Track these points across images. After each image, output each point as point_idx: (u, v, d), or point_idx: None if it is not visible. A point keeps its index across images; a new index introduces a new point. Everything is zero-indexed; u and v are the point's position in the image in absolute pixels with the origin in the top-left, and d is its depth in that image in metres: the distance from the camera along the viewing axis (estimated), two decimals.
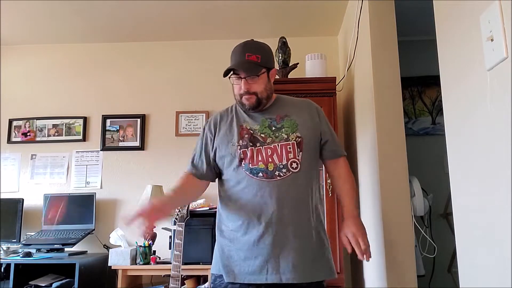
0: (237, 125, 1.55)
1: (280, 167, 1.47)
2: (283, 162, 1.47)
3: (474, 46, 0.97)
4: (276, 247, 1.42)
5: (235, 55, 1.53)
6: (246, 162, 1.48)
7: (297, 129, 1.52)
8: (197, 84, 3.19)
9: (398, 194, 1.99)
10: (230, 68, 1.50)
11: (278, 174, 1.46)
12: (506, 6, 0.84)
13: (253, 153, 1.48)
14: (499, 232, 0.88)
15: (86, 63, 3.31)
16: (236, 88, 1.53)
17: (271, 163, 1.47)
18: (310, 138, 1.54)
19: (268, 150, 1.48)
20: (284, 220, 1.44)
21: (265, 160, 1.47)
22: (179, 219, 2.27)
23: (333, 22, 2.98)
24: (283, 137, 1.50)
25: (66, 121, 3.21)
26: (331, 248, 2.27)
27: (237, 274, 1.45)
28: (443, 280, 2.84)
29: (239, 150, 1.49)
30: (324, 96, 2.48)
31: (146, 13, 2.86)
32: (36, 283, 2.51)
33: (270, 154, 1.48)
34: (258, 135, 1.51)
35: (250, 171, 1.47)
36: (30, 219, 3.01)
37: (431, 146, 3.05)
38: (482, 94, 0.94)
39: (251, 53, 1.50)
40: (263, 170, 1.46)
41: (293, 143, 1.50)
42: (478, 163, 0.97)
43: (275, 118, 1.54)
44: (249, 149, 1.49)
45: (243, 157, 1.48)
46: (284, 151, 1.48)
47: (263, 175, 1.46)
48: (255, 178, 1.46)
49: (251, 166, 1.47)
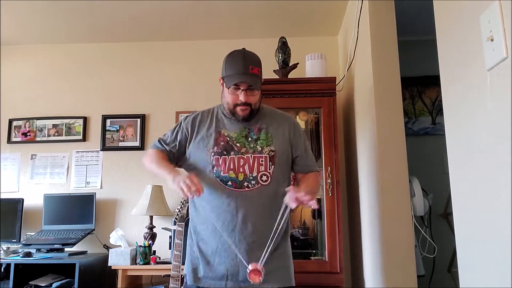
0: (215, 130, 1.57)
1: (249, 179, 1.49)
2: (253, 174, 1.50)
3: (474, 46, 0.97)
4: (236, 256, 1.45)
5: (236, 65, 1.50)
6: (218, 169, 1.50)
7: (271, 142, 1.55)
8: (197, 84, 3.18)
9: (398, 194, 2.00)
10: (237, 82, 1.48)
11: (246, 185, 1.49)
12: (506, 6, 0.84)
13: (226, 161, 1.51)
14: (499, 232, 0.88)
15: (86, 63, 3.31)
16: (232, 97, 1.52)
17: (241, 173, 1.49)
18: (283, 153, 1.57)
19: (240, 160, 1.51)
20: (247, 230, 1.47)
21: (236, 169, 1.50)
22: (179, 219, 2.26)
23: (333, 22, 2.98)
24: (257, 149, 1.52)
25: (66, 121, 3.21)
26: (331, 248, 2.30)
27: (200, 278, 1.50)
28: (443, 280, 2.84)
29: (212, 156, 1.52)
30: (324, 96, 2.48)
31: (146, 13, 2.86)
32: (36, 283, 2.51)
33: (242, 164, 1.50)
34: (234, 143, 1.54)
35: (221, 179, 1.49)
36: (30, 219, 3.01)
37: (431, 146, 3.05)
38: (482, 94, 0.94)
39: (253, 65, 1.50)
40: (233, 179, 1.49)
41: (266, 157, 1.52)
42: (478, 163, 0.97)
43: (253, 129, 1.56)
44: (221, 157, 1.51)
45: (215, 164, 1.51)
46: (256, 163, 1.51)
47: (232, 184, 1.49)
48: (225, 187, 1.49)
49: (222, 174, 1.50)
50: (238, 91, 1.50)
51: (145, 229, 2.81)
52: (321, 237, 2.48)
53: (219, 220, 1.48)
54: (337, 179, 2.37)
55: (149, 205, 2.75)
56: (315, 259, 2.44)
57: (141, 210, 2.76)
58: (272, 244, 1.45)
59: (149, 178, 3.06)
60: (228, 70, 1.52)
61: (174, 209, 2.60)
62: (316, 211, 2.60)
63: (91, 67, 3.30)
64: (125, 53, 3.30)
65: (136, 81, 3.25)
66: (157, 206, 2.78)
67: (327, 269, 2.28)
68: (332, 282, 2.26)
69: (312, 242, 2.60)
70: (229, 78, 1.50)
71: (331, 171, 2.36)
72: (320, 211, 2.53)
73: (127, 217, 3.01)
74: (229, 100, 1.54)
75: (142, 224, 2.91)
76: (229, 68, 1.52)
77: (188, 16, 2.90)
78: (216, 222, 1.48)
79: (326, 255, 2.31)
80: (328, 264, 2.28)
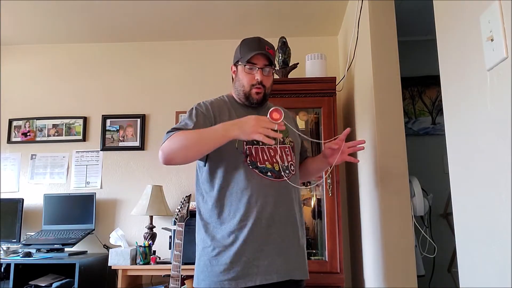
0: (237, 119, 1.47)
1: (284, 168, 1.49)
2: (285, 164, 1.50)
3: (474, 46, 0.97)
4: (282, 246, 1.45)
5: (252, 45, 1.52)
6: (253, 160, 1.46)
7: (288, 134, 1.57)
8: (197, 84, 3.18)
9: (398, 194, 2.00)
10: (254, 54, 1.47)
11: (283, 174, 1.48)
12: (506, 6, 0.84)
13: (258, 152, 1.48)
14: (499, 232, 0.88)
15: (86, 63, 3.31)
16: (248, 77, 1.50)
17: (276, 164, 1.48)
18: (297, 143, 1.62)
19: (270, 150, 1.50)
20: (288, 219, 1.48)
21: (270, 160, 1.48)
22: (179, 219, 2.27)
23: (333, 22, 2.98)
24: (280, 140, 1.51)
25: (66, 121, 3.21)
26: (331, 248, 2.30)
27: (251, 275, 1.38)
28: (443, 280, 2.84)
29: (245, 145, 1.47)
30: (324, 96, 2.48)
31: (146, 13, 2.86)
32: (36, 283, 2.51)
33: (273, 155, 1.49)
34: None
35: (260, 170, 1.45)
36: (30, 219, 3.01)
37: (431, 146, 3.05)
38: (482, 94, 0.94)
39: (269, 47, 1.54)
40: (271, 170, 1.47)
41: (289, 147, 1.55)
42: (478, 163, 0.97)
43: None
44: (254, 147, 1.48)
45: (249, 154, 1.46)
46: (284, 153, 1.52)
47: (272, 174, 1.47)
48: (264, 177, 1.45)
49: (260, 165, 1.46)
50: (254, 70, 1.50)
51: (145, 229, 2.81)
52: (321, 237, 2.48)
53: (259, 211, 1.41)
54: (337, 179, 2.37)
55: (149, 205, 2.75)
56: (315, 259, 2.44)
57: (141, 210, 2.76)
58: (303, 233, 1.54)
59: (149, 178, 3.06)
60: (244, 50, 1.52)
61: (174, 209, 2.60)
62: (316, 211, 2.61)
63: (91, 67, 3.30)
64: (125, 53, 3.30)
65: (136, 81, 3.25)
66: (157, 206, 2.78)
67: (327, 269, 2.28)
68: (332, 282, 2.26)
69: (312, 242, 2.60)
70: (246, 55, 1.49)
71: (331, 171, 2.36)
72: (320, 211, 2.53)
73: (127, 217, 3.01)
74: (244, 82, 1.51)
75: (142, 224, 2.91)
76: (244, 48, 1.53)
77: (188, 16, 2.90)
78: (255, 214, 1.41)
79: (326, 255, 2.31)
80: (328, 264, 2.28)
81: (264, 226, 1.41)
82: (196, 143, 1.37)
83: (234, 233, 1.41)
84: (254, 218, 1.40)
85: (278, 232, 1.43)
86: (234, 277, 1.37)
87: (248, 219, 1.40)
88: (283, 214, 1.46)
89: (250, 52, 1.49)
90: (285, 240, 1.44)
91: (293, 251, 1.47)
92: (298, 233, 1.50)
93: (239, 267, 1.38)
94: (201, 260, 1.46)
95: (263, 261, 1.39)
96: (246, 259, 1.38)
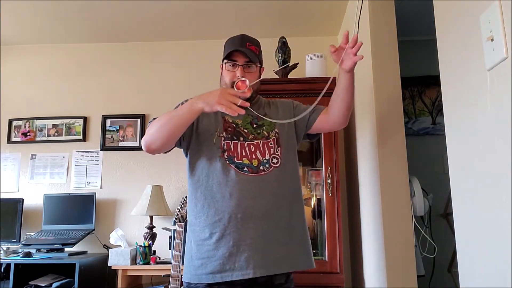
0: (220, 116, 1.54)
1: (264, 162, 1.48)
2: (266, 158, 1.49)
3: (474, 46, 0.97)
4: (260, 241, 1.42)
5: (233, 42, 1.53)
6: (230, 155, 1.47)
7: (274, 126, 1.55)
8: (197, 84, 3.18)
9: (398, 194, 1.99)
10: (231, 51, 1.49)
11: (262, 168, 1.47)
12: (506, 6, 0.84)
13: (237, 147, 1.49)
14: (499, 232, 0.88)
15: (86, 63, 3.31)
16: (229, 75, 1.51)
17: (255, 159, 1.48)
18: (287, 135, 1.57)
19: (251, 146, 1.50)
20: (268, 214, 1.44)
21: (249, 156, 1.48)
22: (179, 219, 2.27)
23: (333, 22, 2.98)
24: (264, 134, 1.52)
25: (66, 121, 3.21)
26: (331, 248, 2.30)
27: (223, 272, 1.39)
28: (443, 280, 2.84)
29: (223, 141, 1.49)
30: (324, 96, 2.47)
31: (146, 13, 2.86)
32: (36, 283, 2.51)
33: (253, 151, 1.49)
34: (241, 129, 1.53)
35: (236, 165, 1.46)
36: (30, 219, 3.01)
37: (431, 146, 3.05)
38: (482, 94, 0.94)
39: (251, 43, 1.53)
40: (248, 165, 1.47)
41: (273, 139, 1.53)
42: (478, 163, 0.97)
43: (256, 116, 1.55)
44: (232, 142, 1.49)
45: (227, 149, 1.48)
46: (266, 148, 1.50)
47: (248, 170, 1.46)
48: (241, 173, 1.45)
49: (237, 161, 1.47)
50: (236, 68, 1.50)
51: (145, 229, 2.81)
52: (321, 237, 2.48)
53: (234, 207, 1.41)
54: (337, 179, 2.37)
55: (149, 205, 2.75)
56: (315, 259, 2.42)
57: (141, 210, 2.76)
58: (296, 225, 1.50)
59: (149, 178, 3.06)
60: (226, 48, 1.54)
61: (174, 209, 2.60)
62: (316, 211, 2.61)
63: (91, 67, 3.30)
64: (125, 53, 3.30)
65: (136, 81, 3.25)
66: (157, 206, 2.78)
67: (327, 269, 2.28)
68: (332, 282, 2.26)
69: (312, 242, 2.59)
70: (226, 53, 1.51)
71: (331, 171, 2.36)
72: (320, 211, 2.53)
73: (127, 217, 3.01)
74: (226, 79, 1.52)
75: (142, 224, 2.91)
76: (226, 46, 1.55)
77: (188, 16, 2.90)
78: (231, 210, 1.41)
79: (326, 255, 2.31)
80: (328, 264, 2.28)
81: (240, 221, 1.41)
82: (167, 122, 1.43)
83: (209, 227, 1.43)
84: (229, 213, 1.41)
85: (255, 227, 1.41)
86: (211, 271, 1.40)
87: (223, 214, 1.42)
88: (261, 209, 1.42)
89: (229, 50, 1.51)
90: (263, 235, 1.42)
91: (274, 247, 1.43)
92: (280, 227, 1.45)
93: (216, 262, 1.40)
94: (186, 254, 1.51)
95: (240, 256, 1.39)
96: (222, 254, 1.40)
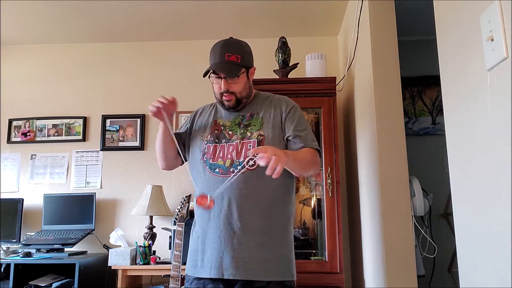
0: (212, 119, 1.61)
1: (236, 164, 1.46)
2: (240, 159, 1.46)
3: (474, 46, 0.97)
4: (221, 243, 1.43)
5: (214, 54, 1.53)
6: (208, 157, 1.52)
7: (261, 127, 1.51)
8: (197, 84, 3.17)
9: (398, 194, 2.00)
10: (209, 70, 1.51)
11: (232, 170, 1.44)
12: (506, 6, 0.84)
13: (216, 150, 1.52)
14: (499, 232, 0.88)
15: (86, 63, 3.31)
16: (216, 87, 1.55)
17: (228, 160, 1.48)
18: (274, 137, 1.50)
19: (230, 147, 1.51)
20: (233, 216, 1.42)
21: (224, 157, 1.49)
22: (179, 219, 2.26)
23: (333, 22, 2.98)
24: (246, 135, 1.51)
25: (66, 121, 3.21)
26: (331, 248, 2.30)
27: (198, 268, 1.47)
28: (443, 280, 2.84)
29: (205, 144, 1.54)
30: (324, 96, 2.48)
31: (146, 13, 2.86)
32: (36, 283, 2.51)
33: (230, 151, 1.50)
34: (227, 131, 1.55)
35: (209, 167, 1.50)
36: (30, 219, 3.01)
37: (431, 146, 3.05)
38: (482, 94, 0.94)
39: (230, 53, 1.51)
40: (220, 166, 1.48)
41: (254, 141, 1.48)
42: (478, 163, 0.97)
43: (246, 115, 1.56)
44: (212, 145, 1.53)
45: (206, 152, 1.53)
46: (244, 148, 1.48)
47: (219, 171, 1.48)
48: (212, 174, 1.48)
49: (211, 162, 1.50)
50: (220, 80, 1.52)
51: (145, 229, 2.81)
52: (321, 237, 2.48)
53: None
54: (337, 179, 2.37)
55: (149, 205, 2.75)
56: (315, 259, 2.44)
57: (141, 210, 2.76)
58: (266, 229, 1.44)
59: (149, 178, 3.06)
60: (210, 61, 1.56)
61: (174, 209, 2.60)
62: (316, 211, 2.61)
63: (91, 67, 3.30)
64: (125, 53, 3.30)
65: (136, 81, 3.25)
66: (157, 206, 2.78)
67: (327, 269, 2.28)
68: (332, 282, 2.26)
69: (312, 242, 2.60)
70: (207, 68, 1.53)
71: (331, 171, 2.36)
72: (320, 211, 2.53)
73: (127, 217, 3.01)
74: (215, 90, 1.57)
75: (142, 224, 2.91)
76: (210, 58, 1.57)
77: (188, 16, 2.90)
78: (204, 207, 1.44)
79: (326, 255, 2.31)
80: (328, 264, 2.28)
81: (206, 220, 1.47)
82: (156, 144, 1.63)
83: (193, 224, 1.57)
84: (201, 212, 1.50)
85: (216, 228, 1.44)
86: (191, 265, 1.50)
87: (197, 213, 1.54)
88: (224, 211, 1.43)
89: (210, 67, 1.52)
90: (222, 237, 1.42)
91: (232, 250, 1.40)
92: (242, 230, 1.42)
93: (194, 256, 1.50)
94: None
95: (205, 254, 1.46)
96: (196, 249, 1.50)
